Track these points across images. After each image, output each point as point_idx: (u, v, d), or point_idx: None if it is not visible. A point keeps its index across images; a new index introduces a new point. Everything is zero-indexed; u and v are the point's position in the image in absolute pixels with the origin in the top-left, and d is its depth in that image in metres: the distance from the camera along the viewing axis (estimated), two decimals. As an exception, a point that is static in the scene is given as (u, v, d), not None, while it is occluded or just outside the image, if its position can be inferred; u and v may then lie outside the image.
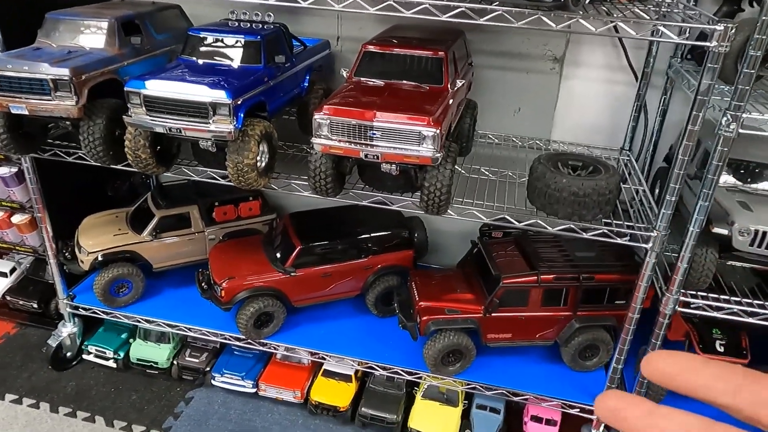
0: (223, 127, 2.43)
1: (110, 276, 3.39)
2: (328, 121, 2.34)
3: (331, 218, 3.49)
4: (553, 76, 3.39)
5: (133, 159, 2.66)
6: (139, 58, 2.95)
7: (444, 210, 2.50)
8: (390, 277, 3.46)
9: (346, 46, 3.58)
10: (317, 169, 2.50)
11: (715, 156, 2.31)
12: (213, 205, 3.60)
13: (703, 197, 2.39)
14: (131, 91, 2.48)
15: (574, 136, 3.53)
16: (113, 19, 2.84)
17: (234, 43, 2.72)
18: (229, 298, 3.18)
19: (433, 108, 2.34)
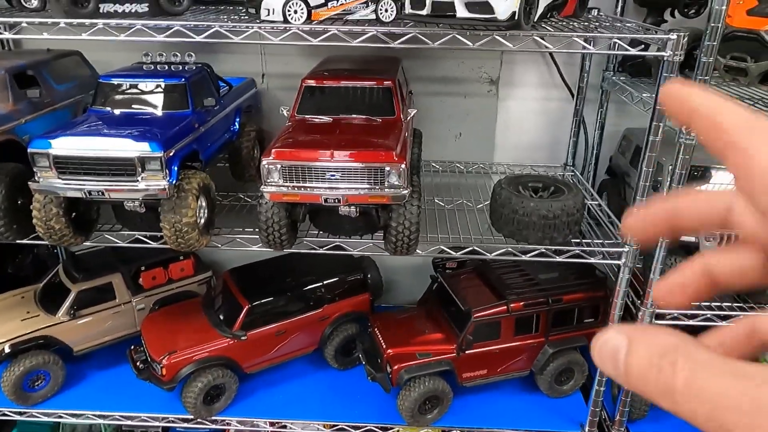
0: (154, 184, 2.11)
1: (22, 369, 2.87)
2: (279, 165, 2.09)
3: (274, 269, 3.19)
4: (490, 98, 3.33)
5: (44, 231, 2.25)
6: (39, 114, 2.56)
7: (413, 249, 2.31)
8: (348, 325, 3.19)
9: (273, 83, 3.34)
10: (269, 220, 2.23)
11: (677, 164, 2.29)
12: (139, 270, 3.18)
13: (670, 207, 2.35)
14: (37, 152, 2.10)
15: (516, 157, 3.48)
16: (3, 70, 2.44)
17: (155, 88, 2.41)
18: (171, 375, 2.78)
19: (393, 142, 2.15)
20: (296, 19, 2.14)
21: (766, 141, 0.45)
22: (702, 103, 0.49)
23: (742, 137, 0.46)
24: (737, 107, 0.48)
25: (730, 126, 0.47)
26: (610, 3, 3.05)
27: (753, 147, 0.45)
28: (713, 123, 0.48)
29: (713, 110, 0.48)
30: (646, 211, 0.56)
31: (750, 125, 0.46)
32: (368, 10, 2.31)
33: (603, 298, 3.02)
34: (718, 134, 0.47)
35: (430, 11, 2.14)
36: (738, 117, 0.47)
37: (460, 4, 2.08)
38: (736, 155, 0.46)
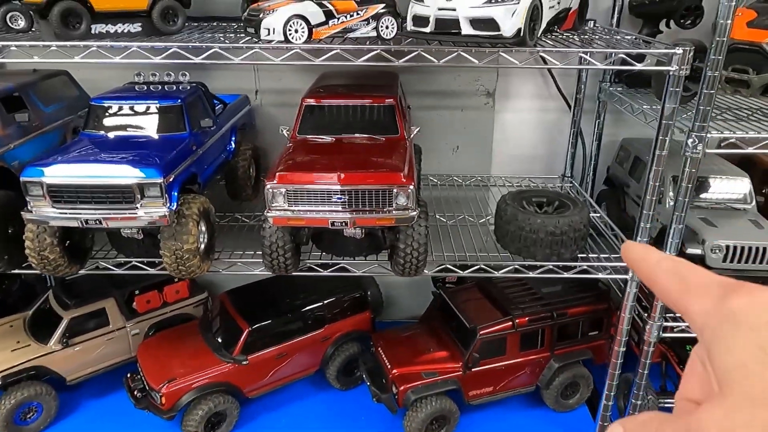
0: (154, 211, 2.03)
1: (14, 402, 2.75)
2: (284, 190, 2.03)
3: (272, 290, 3.11)
4: (487, 110, 3.30)
5: (38, 262, 2.16)
6: (28, 138, 2.47)
7: (422, 271, 2.26)
8: (350, 344, 3.13)
9: (267, 99, 3.27)
10: (273, 245, 2.17)
11: (684, 177, 2.28)
12: (133, 294, 3.09)
13: (677, 220, 2.34)
14: (30, 180, 2.01)
15: (513, 169, 3.45)
16: (-11, 94, 2.35)
17: (150, 110, 2.33)
18: (171, 404, 2.69)
19: (399, 162, 2.11)
20: (297, 39, 2.09)
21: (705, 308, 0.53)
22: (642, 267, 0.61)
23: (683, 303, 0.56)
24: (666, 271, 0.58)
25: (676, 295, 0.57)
26: (605, 14, 3.05)
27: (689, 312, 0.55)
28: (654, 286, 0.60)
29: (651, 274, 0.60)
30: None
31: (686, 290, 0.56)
32: (369, 27, 2.27)
33: (606, 311, 3.00)
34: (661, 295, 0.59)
35: (434, 29, 2.11)
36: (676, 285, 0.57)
37: (465, 22, 2.05)
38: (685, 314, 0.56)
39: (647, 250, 0.62)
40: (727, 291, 0.51)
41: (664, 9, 2.87)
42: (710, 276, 0.55)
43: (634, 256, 0.63)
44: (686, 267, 0.58)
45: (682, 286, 0.56)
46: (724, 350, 0.47)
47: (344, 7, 2.18)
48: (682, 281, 0.56)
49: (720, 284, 0.53)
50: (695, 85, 2.34)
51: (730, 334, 0.48)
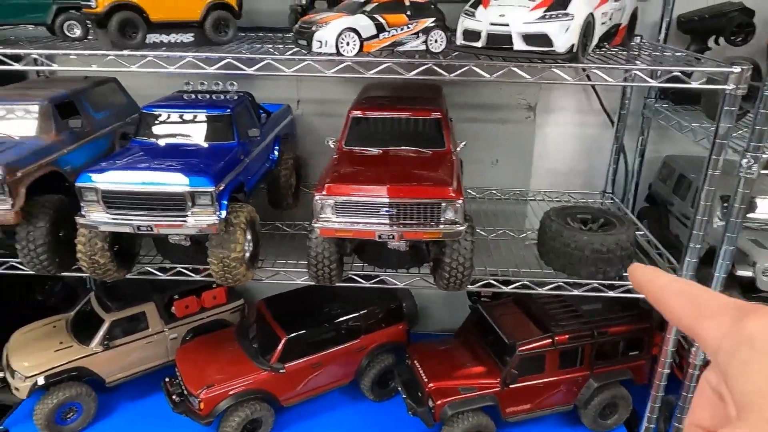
0: (204, 219, 2.06)
1: (55, 401, 2.81)
2: (332, 201, 2.04)
3: (309, 299, 3.12)
4: (528, 124, 3.28)
5: (88, 265, 2.20)
6: (80, 143, 2.53)
7: (466, 285, 2.25)
8: (385, 356, 3.12)
9: (308, 108, 3.30)
10: (319, 255, 2.18)
11: (737, 198, 2.23)
12: (172, 299, 3.13)
13: (728, 241, 2.29)
14: (85, 186, 2.06)
15: (552, 183, 3.42)
16: (46, 100, 2.41)
17: (200, 118, 2.37)
18: (209, 410, 2.71)
19: (448, 176, 2.10)
20: (348, 51, 2.11)
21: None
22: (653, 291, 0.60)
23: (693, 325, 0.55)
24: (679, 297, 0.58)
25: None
26: (652, 30, 3.01)
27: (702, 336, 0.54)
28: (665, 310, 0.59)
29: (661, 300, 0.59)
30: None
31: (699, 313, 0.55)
32: (418, 41, 2.28)
33: (647, 331, 2.94)
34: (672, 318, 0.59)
35: (485, 43, 2.11)
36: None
37: (518, 37, 2.04)
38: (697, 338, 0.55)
39: (656, 272, 0.62)
40: (743, 313, 0.50)
41: (714, 26, 2.83)
42: (723, 298, 0.55)
43: (642, 278, 0.63)
44: (698, 289, 0.57)
45: (695, 309, 0.55)
46: (742, 375, 0.47)
47: (395, 20, 2.19)
48: (694, 304, 0.55)
49: (735, 307, 0.52)
50: (747, 104, 2.30)
51: (747, 358, 0.47)
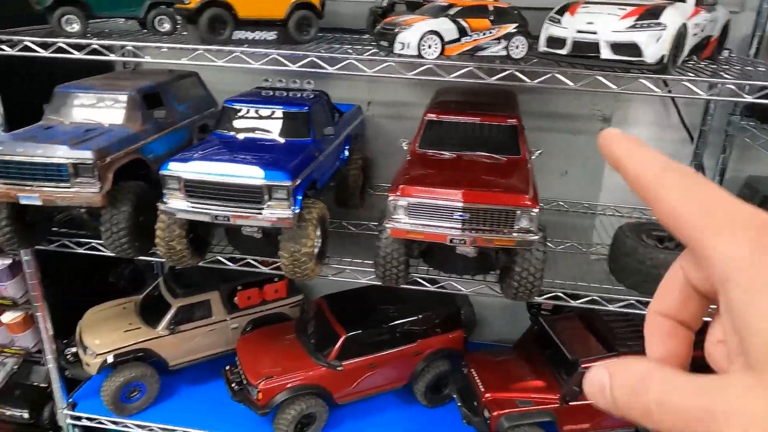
0: (279, 213, 2.10)
1: (122, 380, 2.93)
2: (406, 203, 2.04)
3: (369, 299, 3.13)
4: (602, 136, 3.19)
5: (165, 251, 2.28)
6: (162, 133, 2.62)
7: (534, 296, 2.21)
8: (440, 362, 3.10)
9: (377, 110, 3.32)
10: (388, 255, 2.18)
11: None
12: (235, 290, 3.20)
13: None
14: (169, 174, 2.13)
15: (623, 198, 3.31)
16: (134, 91, 2.52)
17: (278, 115, 2.42)
18: (267, 400, 2.76)
19: (524, 184, 2.07)
20: (430, 54, 2.11)
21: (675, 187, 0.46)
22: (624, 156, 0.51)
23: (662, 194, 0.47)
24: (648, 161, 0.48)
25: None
26: (742, 44, 2.88)
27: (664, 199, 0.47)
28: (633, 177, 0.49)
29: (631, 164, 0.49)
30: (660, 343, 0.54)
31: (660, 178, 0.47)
32: (499, 46, 2.26)
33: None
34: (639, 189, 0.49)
35: (570, 51, 2.06)
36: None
37: (606, 46, 1.99)
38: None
39: (641, 149, 0.49)
40: (763, 240, 0.41)
41: (812, 41, 2.68)
42: (740, 208, 0.43)
43: (625, 155, 0.50)
44: (706, 188, 0.45)
45: (700, 215, 0.44)
46: (765, 328, 0.39)
47: (478, 25, 2.18)
48: (700, 207, 0.44)
49: (756, 226, 0.42)
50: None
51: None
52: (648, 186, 0.48)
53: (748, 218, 0.43)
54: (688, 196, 0.45)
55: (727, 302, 0.43)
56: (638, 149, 0.50)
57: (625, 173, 0.50)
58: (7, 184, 2.20)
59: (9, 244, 2.44)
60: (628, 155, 0.50)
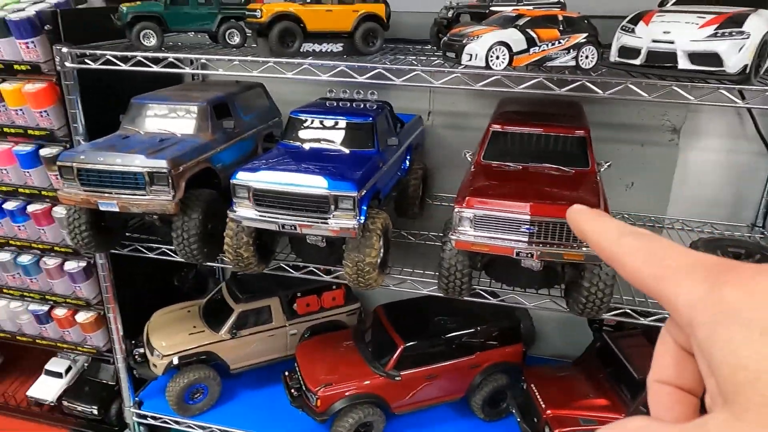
0: (344, 223, 2.12)
1: (186, 381, 3.02)
2: (472, 215, 2.03)
3: (427, 309, 3.12)
4: (671, 147, 3.09)
5: (233, 257, 2.34)
6: (230, 143, 2.70)
7: (603, 313, 2.14)
8: (499, 376, 3.05)
9: (438, 120, 3.32)
10: (452, 267, 2.17)
11: None
12: (295, 296, 3.26)
13: None
14: (239, 184, 2.19)
15: (692, 212, 3.18)
16: (205, 102, 2.60)
17: (343, 125, 2.45)
18: (325, 407, 2.79)
19: (593, 197, 2.02)
20: (498, 65, 2.09)
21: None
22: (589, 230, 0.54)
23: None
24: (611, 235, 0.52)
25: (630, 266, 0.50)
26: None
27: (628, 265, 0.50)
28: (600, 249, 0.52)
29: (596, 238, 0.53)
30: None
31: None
32: (569, 57, 2.22)
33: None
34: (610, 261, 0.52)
35: (645, 61, 2.01)
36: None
37: (683, 55, 1.93)
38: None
39: (602, 220, 0.53)
40: (718, 277, 0.43)
41: None
42: (692, 254, 0.47)
43: (588, 227, 0.54)
44: (658, 245, 0.49)
45: (657, 270, 0.47)
46: (728, 355, 0.40)
47: (547, 35, 2.15)
48: (655, 263, 0.47)
49: (708, 266, 0.45)
50: None
51: (733, 335, 0.40)
52: (610, 252, 0.51)
53: (695, 264, 0.45)
54: (646, 256, 0.49)
55: (697, 346, 0.44)
56: (598, 219, 0.54)
57: (591, 243, 0.54)
58: (88, 191, 2.31)
59: (87, 247, 2.56)
60: (591, 227, 0.54)
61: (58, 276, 3.11)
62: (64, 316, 3.23)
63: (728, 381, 0.40)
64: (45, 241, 3.07)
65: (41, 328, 3.36)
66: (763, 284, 0.41)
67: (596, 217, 0.54)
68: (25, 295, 3.27)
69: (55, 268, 3.09)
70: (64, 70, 2.51)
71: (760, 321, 0.39)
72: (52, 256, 3.11)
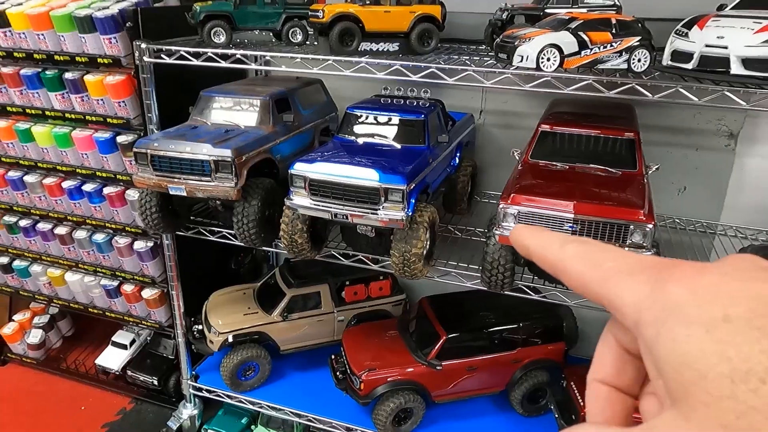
0: (393, 214, 2.23)
1: (239, 358, 3.21)
2: (516, 211, 2.10)
3: (471, 303, 3.20)
4: (727, 153, 3.04)
5: (288, 243, 2.50)
6: (289, 136, 2.85)
7: (643, 313, 2.17)
8: (539, 372, 3.10)
9: (489, 119, 3.38)
10: (495, 261, 2.25)
11: None
12: (344, 284, 3.40)
13: None
14: (296, 173, 2.34)
15: (747, 220, 3.12)
16: (268, 96, 2.76)
17: (396, 121, 2.56)
18: (368, 391, 2.91)
19: (639, 198, 2.05)
20: (548, 67, 2.15)
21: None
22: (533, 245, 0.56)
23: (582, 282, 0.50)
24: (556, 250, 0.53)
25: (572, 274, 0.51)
26: None
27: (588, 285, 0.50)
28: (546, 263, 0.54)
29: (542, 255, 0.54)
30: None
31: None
32: (620, 59, 2.25)
33: None
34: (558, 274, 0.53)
35: (697, 65, 2.02)
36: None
37: (737, 61, 1.93)
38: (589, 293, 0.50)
39: (543, 234, 0.55)
40: (660, 276, 0.43)
41: None
42: (629, 257, 0.47)
43: (531, 242, 0.55)
44: (598, 249, 0.49)
45: (600, 273, 0.47)
46: (674, 354, 0.39)
47: (600, 38, 2.19)
48: (597, 266, 0.48)
49: (650, 265, 0.45)
50: None
51: (678, 333, 0.39)
52: (554, 262, 0.52)
53: (638, 264, 0.46)
54: (588, 260, 0.49)
55: (644, 346, 0.43)
56: (540, 233, 0.55)
57: (536, 257, 0.55)
58: (160, 175, 2.51)
59: (155, 228, 2.77)
60: (533, 242, 0.55)
61: (127, 254, 3.37)
62: (132, 291, 3.49)
63: (675, 380, 0.39)
64: (118, 222, 3.33)
65: (111, 301, 3.63)
66: (706, 280, 0.41)
67: (538, 233, 0.56)
68: (98, 271, 3.55)
69: (126, 247, 3.34)
70: (142, 64, 2.72)
71: (705, 318, 0.38)
72: (124, 236, 3.36)
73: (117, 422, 3.72)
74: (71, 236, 3.48)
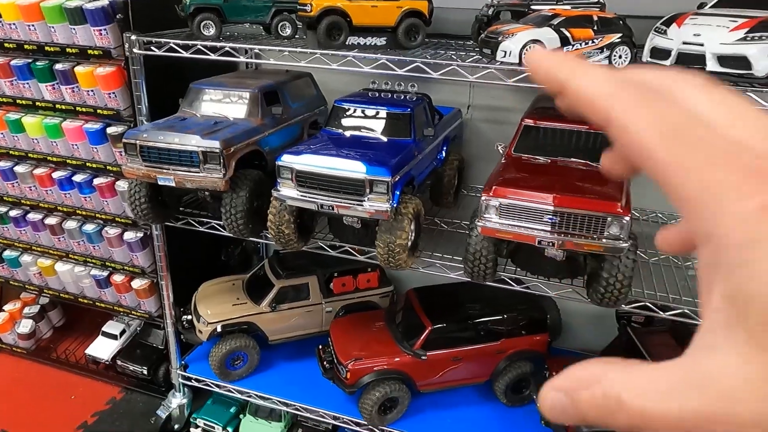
0: (378, 206, 2.27)
1: (228, 348, 3.25)
2: (497, 203, 2.14)
3: (457, 295, 3.25)
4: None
5: (275, 234, 2.53)
6: (278, 128, 2.89)
7: (621, 303, 2.23)
8: (523, 363, 3.16)
9: (477, 114, 3.43)
10: (477, 252, 2.29)
11: None
12: (332, 276, 3.44)
13: None
14: (283, 165, 2.37)
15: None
16: (257, 89, 2.80)
17: (382, 115, 2.60)
18: (354, 380, 2.96)
19: (617, 191, 2.10)
20: (531, 62, 2.19)
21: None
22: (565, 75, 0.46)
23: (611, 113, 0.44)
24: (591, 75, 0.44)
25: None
26: None
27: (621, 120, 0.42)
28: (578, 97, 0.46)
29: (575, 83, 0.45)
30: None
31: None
32: (602, 56, 2.30)
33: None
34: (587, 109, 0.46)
35: (675, 62, 2.07)
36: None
37: (712, 58, 1.98)
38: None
39: (586, 65, 0.44)
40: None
41: None
42: (742, 154, 0.38)
43: (567, 74, 0.45)
44: (678, 113, 0.40)
45: (686, 162, 0.39)
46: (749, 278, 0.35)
47: (581, 34, 2.24)
48: (682, 149, 0.39)
49: (758, 170, 0.37)
50: None
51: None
52: (605, 111, 0.43)
53: (748, 163, 0.37)
54: (660, 127, 0.40)
55: (712, 258, 0.38)
56: (582, 66, 0.44)
57: (571, 96, 0.45)
58: (149, 166, 2.54)
59: (145, 219, 2.81)
60: (572, 75, 0.45)
61: (117, 245, 3.40)
62: (122, 281, 3.52)
63: (745, 306, 0.35)
64: (107, 212, 3.36)
65: (101, 292, 3.67)
66: None
67: (578, 62, 0.44)
68: (88, 261, 3.57)
69: (116, 238, 3.37)
70: (132, 55, 2.75)
71: None
72: (113, 226, 3.39)
73: (107, 411, 3.76)
74: (61, 227, 3.51)
